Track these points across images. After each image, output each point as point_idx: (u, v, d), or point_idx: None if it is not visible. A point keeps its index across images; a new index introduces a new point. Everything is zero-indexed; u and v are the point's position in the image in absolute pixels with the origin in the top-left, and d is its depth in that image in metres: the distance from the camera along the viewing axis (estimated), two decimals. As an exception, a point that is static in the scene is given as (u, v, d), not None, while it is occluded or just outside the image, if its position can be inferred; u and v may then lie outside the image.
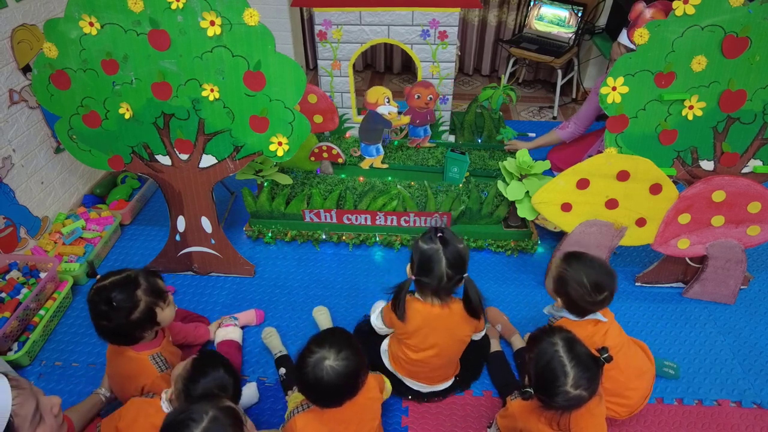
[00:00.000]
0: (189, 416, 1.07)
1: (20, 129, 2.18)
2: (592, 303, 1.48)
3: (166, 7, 1.66)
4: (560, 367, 1.22)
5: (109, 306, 1.36)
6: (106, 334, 1.43)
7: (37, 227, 2.31)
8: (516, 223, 2.31)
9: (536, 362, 1.26)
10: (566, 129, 2.42)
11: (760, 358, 1.90)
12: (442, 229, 1.44)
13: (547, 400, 1.25)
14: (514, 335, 1.91)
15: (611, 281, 1.47)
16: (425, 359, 1.57)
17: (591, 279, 1.46)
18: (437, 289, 1.44)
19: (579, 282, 1.46)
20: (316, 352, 1.24)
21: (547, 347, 1.26)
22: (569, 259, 1.53)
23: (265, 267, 2.30)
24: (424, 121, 2.48)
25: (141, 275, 1.45)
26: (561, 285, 1.51)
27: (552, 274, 1.56)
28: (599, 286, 1.46)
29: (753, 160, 1.88)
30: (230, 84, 1.77)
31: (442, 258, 1.38)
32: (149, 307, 1.43)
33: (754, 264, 2.28)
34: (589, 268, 1.48)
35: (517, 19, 3.67)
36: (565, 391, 1.21)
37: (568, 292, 1.49)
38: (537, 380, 1.26)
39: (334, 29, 2.34)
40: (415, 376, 1.66)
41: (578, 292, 1.47)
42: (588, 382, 1.22)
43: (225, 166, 1.95)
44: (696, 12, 1.62)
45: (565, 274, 1.50)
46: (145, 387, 1.46)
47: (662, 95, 1.76)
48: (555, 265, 1.56)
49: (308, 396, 1.30)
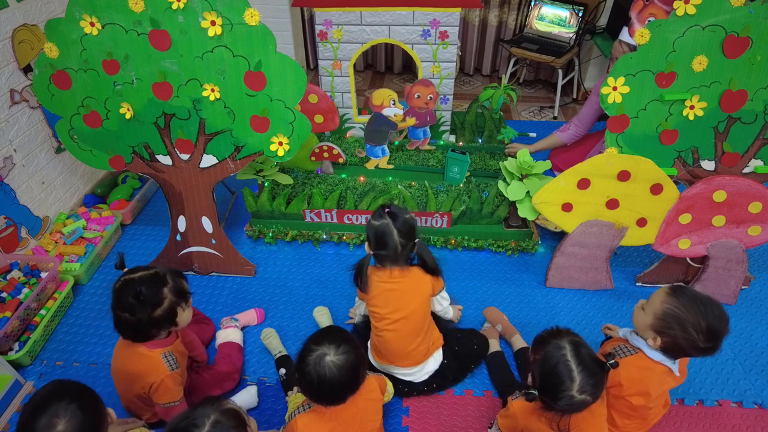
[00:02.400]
0: (192, 422, 1.07)
1: (21, 129, 2.18)
2: (701, 350, 1.30)
3: (166, 7, 1.66)
4: (567, 372, 1.21)
5: (137, 299, 1.38)
6: (124, 328, 1.44)
7: (38, 227, 2.31)
8: (517, 223, 2.31)
9: (542, 365, 1.25)
10: (567, 131, 2.42)
11: (761, 359, 1.89)
12: (389, 205, 1.55)
13: (551, 402, 1.24)
14: (515, 335, 1.91)
15: (726, 328, 1.29)
16: (395, 328, 1.59)
17: (711, 324, 1.27)
18: (395, 259, 1.55)
19: (695, 326, 1.27)
20: (315, 350, 1.25)
21: (554, 351, 1.24)
22: (680, 296, 1.32)
23: (266, 267, 2.30)
24: (424, 122, 2.46)
25: (169, 274, 1.47)
26: (668, 325, 1.31)
27: (655, 311, 1.34)
28: (715, 334, 1.27)
29: (754, 160, 1.88)
30: (231, 84, 1.77)
31: (393, 230, 1.50)
32: (172, 307, 1.44)
33: (755, 264, 2.28)
34: (708, 310, 1.28)
35: (518, 19, 3.67)
36: (570, 395, 1.20)
37: (676, 335, 1.30)
38: (542, 383, 1.25)
39: (335, 29, 2.35)
40: (392, 355, 1.65)
41: (691, 337, 1.28)
42: (593, 387, 1.21)
43: (226, 166, 1.95)
44: (697, 12, 1.62)
45: (678, 314, 1.30)
46: (153, 385, 1.46)
47: (663, 95, 1.75)
48: (660, 301, 1.34)
49: (312, 396, 1.29)
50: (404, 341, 1.62)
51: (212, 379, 1.73)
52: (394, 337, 1.62)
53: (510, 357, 1.87)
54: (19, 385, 1.79)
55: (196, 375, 1.72)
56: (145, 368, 1.46)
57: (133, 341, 1.47)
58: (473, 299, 2.12)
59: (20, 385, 1.80)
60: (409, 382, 1.72)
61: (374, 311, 1.62)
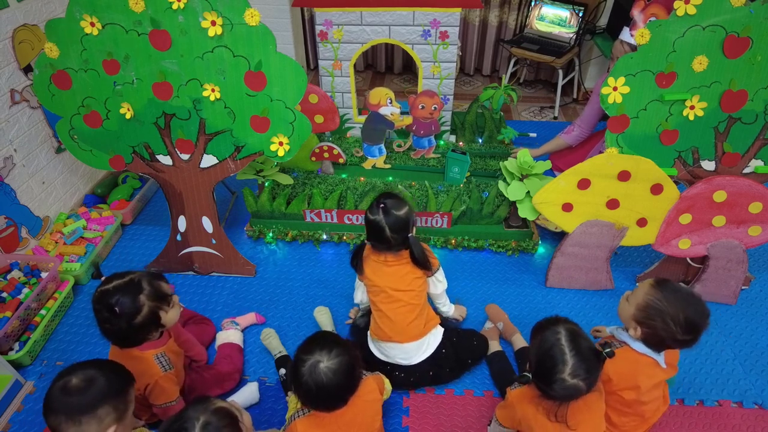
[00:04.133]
0: (181, 425, 1.06)
1: (21, 129, 2.18)
2: (680, 342, 1.35)
3: (167, 7, 1.66)
4: (560, 355, 1.23)
5: (111, 312, 1.36)
6: (110, 336, 1.43)
7: (39, 227, 2.31)
8: (517, 223, 2.31)
9: (538, 348, 1.28)
10: (571, 133, 2.42)
11: (761, 359, 1.89)
12: (384, 201, 1.59)
13: (545, 387, 1.26)
14: (515, 334, 1.91)
15: (706, 322, 1.34)
16: (392, 300, 1.65)
17: (689, 317, 1.32)
18: (388, 248, 1.63)
19: (674, 318, 1.32)
20: (307, 359, 1.23)
21: (549, 335, 1.27)
22: (663, 289, 1.37)
23: (266, 267, 2.30)
24: (429, 131, 2.45)
25: (144, 279, 1.43)
26: (649, 316, 1.36)
27: (638, 301, 1.39)
28: (694, 326, 1.32)
29: (754, 160, 1.88)
30: (231, 84, 1.77)
31: (384, 227, 1.57)
32: (153, 312, 1.42)
33: (755, 264, 2.28)
34: (689, 303, 1.33)
35: (518, 19, 3.67)
36: (562, 378, 1.22)
37: (656, 325, 1.34)
38: (537, 366, 1.28)
39: (335, 29, 2.35)
40: (391, 330, 1.67)
41: (670, 329, 1.33)
42: (586, 372, 1.22)
43: (226, 166, 1.95)
44: (697, 12, 1.62)
45: (659, 306, 1.34)
46: (148, 386, 1.46)
47: (663, 95, 1.75)
48: (643, 292, 1.39)
49: (312, 404, 1.28)
50: (401, 315, 1.65)
51: (213, 379, 1.73)
52: (391, 310, 1.65)
53: (511, 357, 1.87)
54: (19, 385, 1.79)
55: (196, 375, 1.72)
56: (138, 370, 1.45)
57: (123, 348, 1.46)
58: (473, 299, 2.12)
59: (20, 385, 1.80)
60: (406, 369, 1.72)
61: (371, 286, 1.69)
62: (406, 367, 1.72)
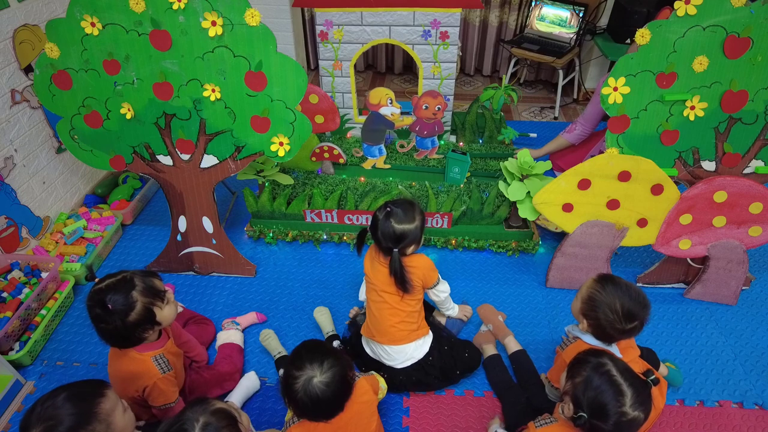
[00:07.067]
0: (181, 427, 1.06)
1: (22, 129, 2.19)
2: (621, 331, 1.41)
3: (167, 8, 1.66)
4: (616, 387, 1.18)
5: (105, 309, 1.35)
6: (107, 337, 1.42)
7: (39, 227, 2.31)
8: (517, 223, 2.31)
9: (586, 384, 1.21)
10: (573, 131, 2.41)
11: (761, 359, 1.89)
12: (393, 207, 1.60)
13: (601, 424, 1.18)
14: (508, 336, 1.89)
15: (644, 311, 1.41)
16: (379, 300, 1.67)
17: (625, 306, 1.39)
18: (380, 247, 1.66)
19: (611, 307, 1.40)
20: (300, 375, 1.21)
21: (597, 368, 1.22)
22: (604, 282, 1.45)
23: (266, 267, 2.30)
24: (432, 132, 2.45)
25: (137, 276, 1.43)
26: (591, 308, 1.44)
27: (582, 295, 1.48)
28: (631, 315, 1.39)
29: (755, 160, 1.88)
30: (232, 84, 1.77)
31: (378, 226, 1.61)
32: (147, 308, 1.41)
33: (755, 265, 2.28)
34: (624, 294, 1.41)
35: (519, 19, 3.67)
36: (624, 412, 1.16)
37: (598, 316, 1.42)
38: (591, 403, 1.19)
39: (336, 29, 2.35)
40: (374, 327, 1.70)
41: (608, 318, 1.40)
42: (643, 403, 1.17)
43: (226, 166, 1.95)
44: (698, 12, 1.62)
45: (598, 297, 1.43)
46: (147, 389, 1.46)
47: (664, 96, 1.75)
48: (586, 286, 1.48)
49: (310, 416, 1.27)
50: (385, 315, 1.66)
51: (213, 380, 1.73)
52: (377, 309, 1.68)
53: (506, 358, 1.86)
54: (19, 385, 1.79)
55: (197, 375, 1.72)
56: (137, 372, 1.45)
57: (121, 348, 1.45)
58: (473, 300, 2.12)
59: (21, 385, 1.80)
60: (390, 368, 1.72)
61: (367, 281, 1.73)
62: (390, 368, 1.72)
